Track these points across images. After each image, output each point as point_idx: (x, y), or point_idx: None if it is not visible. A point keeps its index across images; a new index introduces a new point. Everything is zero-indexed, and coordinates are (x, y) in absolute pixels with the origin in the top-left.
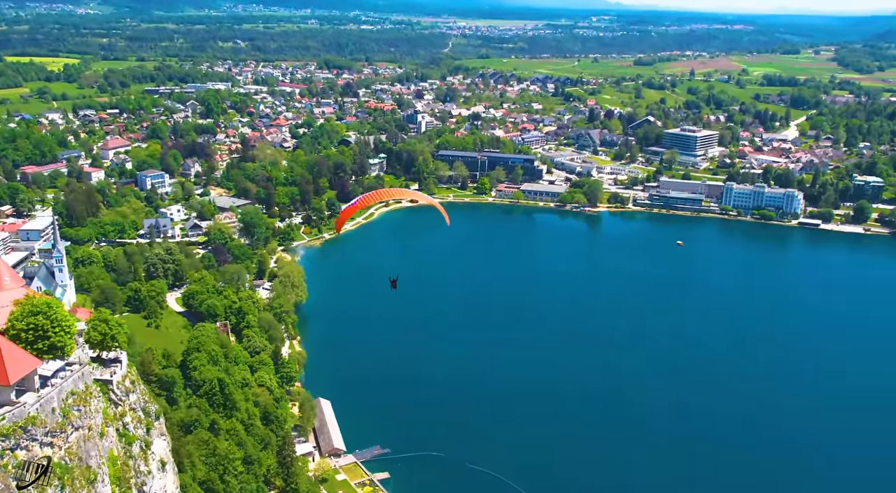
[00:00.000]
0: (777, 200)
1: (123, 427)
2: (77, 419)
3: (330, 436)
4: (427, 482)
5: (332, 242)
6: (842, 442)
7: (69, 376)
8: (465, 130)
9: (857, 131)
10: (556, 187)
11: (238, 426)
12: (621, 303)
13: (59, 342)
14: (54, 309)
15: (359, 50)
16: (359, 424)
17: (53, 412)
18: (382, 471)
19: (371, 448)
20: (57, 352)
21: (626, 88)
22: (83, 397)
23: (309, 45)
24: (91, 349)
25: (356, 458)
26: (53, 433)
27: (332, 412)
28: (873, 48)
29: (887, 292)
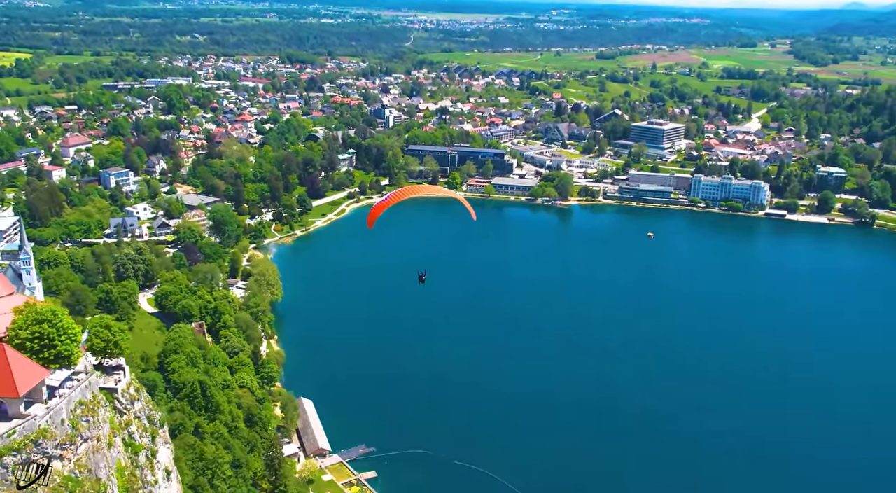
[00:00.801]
0: (744, 192)
1: (129, 437)
2: (86, 430)
3: (314, 436)
4: (415, 480)
5: (303, 240)
6: (832, 443)
7: (77, 385)
8: (434, 125)
9: (818, 123)
10: (527, 181)
11: (222, 428)
12: (596, 296)
13: (66, 351)
14: (59, 316)
15: (320, 44)
16: (342, 423)
17: (63, 423)
18: (369, 470)
19: (356, 448)
20: (63, 361)
21: (590, 81)
22: (91, 408)
23: (269, 39)
24: (93, 357)
25: (342, 458)
26: (63, 445)
27: (315, 412)
28: (826, 41)
29: (852, 281)
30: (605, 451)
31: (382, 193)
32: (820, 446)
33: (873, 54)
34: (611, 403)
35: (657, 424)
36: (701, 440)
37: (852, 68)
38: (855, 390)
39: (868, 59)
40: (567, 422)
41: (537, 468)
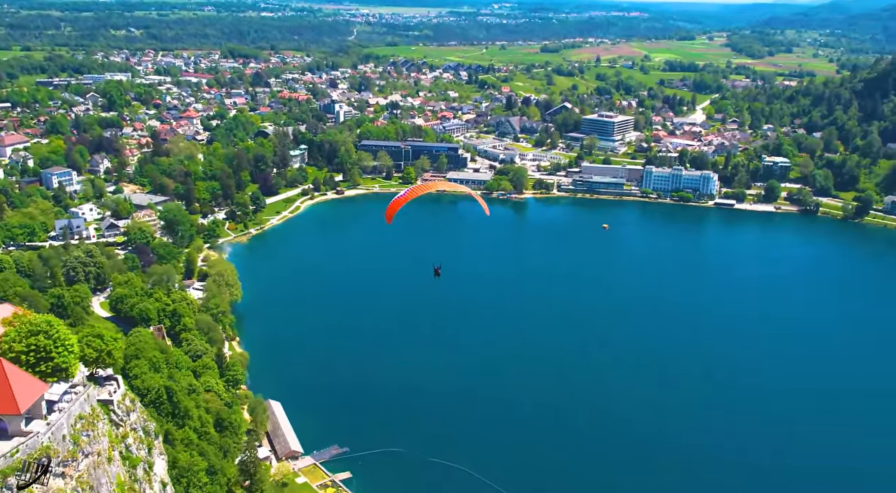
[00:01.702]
0: (694, 182)
1: (126, 449)
2: (87, 445)
3: (285, 438)
4: (391, 479)
5: (259, 238)
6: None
7: (76, 399)
8: (385, 120)
9: (760, 114)
10: (482, 175)
11: (192, 435)
12: (555, 289)
13: (64, 363)
14: (55, 327)
15: (261, 38)
16: (313, 424)
17: (64, 439)
18: (343, 471)
19: (329, 448)
20: (61, 373)
21: (536, 74)
22: (90, 421)
23: (208, 34)
24: (85, 367)
25: (314, 459)
26: (65, 462)
27: (284, 414)
28: (761, 34)
29: (799, 268)
30: (569, 443)
31: (337, 189)
32: (768, 435)
33: (805, 47)
34: (570, 396)
35: (615, 417)
36: (655, 433)
37: (787, 60)
38: (800, 377)
39: (801, 51)
40: (532, 416)
41: (510, 461)
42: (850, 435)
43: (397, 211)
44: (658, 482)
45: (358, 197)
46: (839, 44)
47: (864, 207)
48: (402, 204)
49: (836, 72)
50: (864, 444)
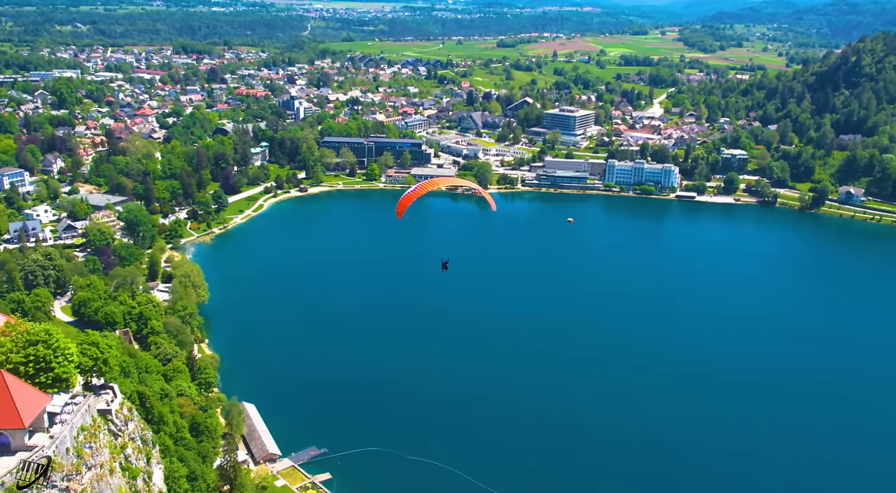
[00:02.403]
0: (655, 176)
1: (125, 460)
2: (90, 458)
3: (262, 441)
4: (371, 479)
5: (222, 238)
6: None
7: (77, 410)
8: (346, 116)
9: (717, 107)
10: (446, 171)
11: (168, 441)
12: (524, 283)
13: (65, 373)
14: (54, 336)
15: (213, 33)
16: (289, 426)
17: (68, 452)
18: (323, 472)
19: (307, 450)
20: (61, 384)
21: (495, 69)
22: (92, 433)
23: (158, 29)
24: (80, 376)
25: (293, 461)
26: (70, 476)
27: (260, 416)
28: (712, 29)
29: (759, 258)
30: (547, 436)
31: (300, 187)
32: (731, 421)
33: (755, 41)
34: (543, 389)
35: (588, 409)
36: (628, 422)
37: (738, 54)
38: (761, 362)
39: (751, 45)
40: (508, 410)
41: (489, 456)
42: (814, 422)
43: (408, 206)
44: (633, 471)
45: (322, 194)
46: (787, 38)
47: (819, 198)
48: (412, 199)
49: (785, 65)
50: (839, 430)
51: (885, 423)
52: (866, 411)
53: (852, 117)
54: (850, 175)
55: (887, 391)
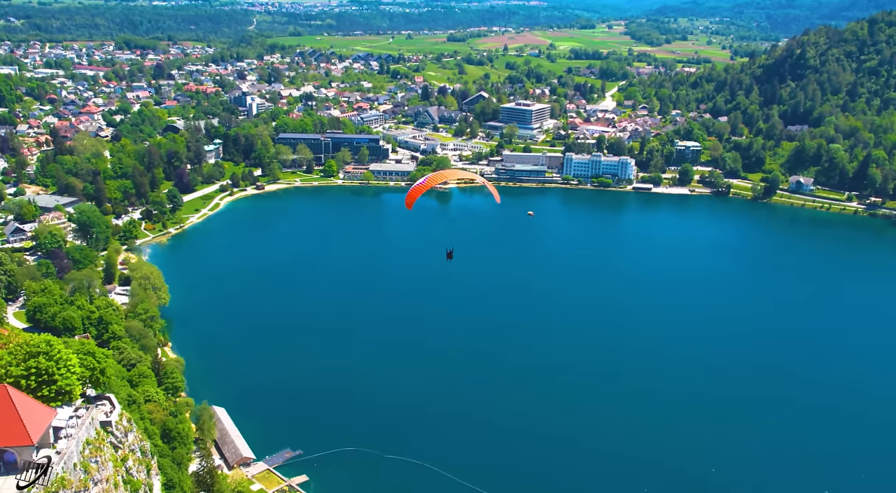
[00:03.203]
0: (612, 168)
1: (127, 472)
2: (96, 472)
3: (235, 445)
4: (349, 479)
5: (179, 238)
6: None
7: (82, 423)
8: (300, 111)
9: (668, 100)
10: (405, 166)
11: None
12: (491, 278)
13: (68, 386)
14: (55, 347)
15: (155, 28)
16: (261, 428)
17: (76, 468)
18: (299, 474)
19: (281, 452)
20: (64, 397)
21: (447, 64)
22: (97, 447)
23: (98, 23)
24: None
25: (267, 464)
26: (79, 492)
27: (231, 420)
28: (657, 23)
29: (716, 247)
30: (522, 431)
31: (257, 184)
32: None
33: (699, 34)
34: (513, 384)
35: (561, 404)
36: (597, 418)
37: (684, 47)
38: (719, 351)
39: (695, 38)
40: (481, 406)
41: (466, 452)
42: (776, 405)
43: (417, 198)
44: (603, 460)
45: (279, 192)
46: (729, 31)
47: (771, 188)
48: (422, 191)
49: (730, 58)
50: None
51: (849, 403)
52: (833, 392)
53: (799, 108)
54: (799, 165)
55: (850, 374)
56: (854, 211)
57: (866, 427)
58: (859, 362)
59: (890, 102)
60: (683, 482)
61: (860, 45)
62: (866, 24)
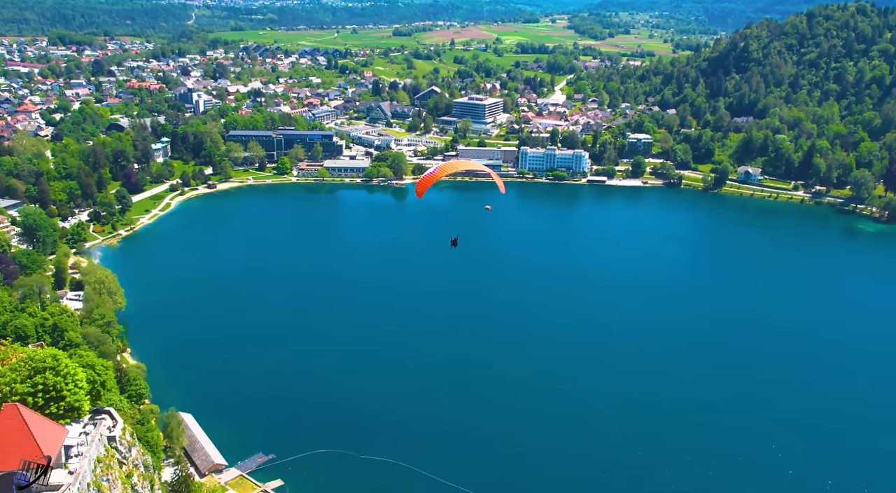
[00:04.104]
0: (567, 161)
1: (132, 489)
2: (108, 491)
3: (205, 452)
4: (325, 482)
5: (130, 240)
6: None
7: (92, 440)
8: (248, 108)
9: (617, 93)
10: (360, 162)
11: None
12: (450, 273)
13: (77, 402)
14: (62, 361)
15: (90, 23)
16: (231, 433)
17: (89, 488)
18: (273, 479)
19: (254, 457)
20: (73, 413)
21: (395, 58)
22: (107, 464)
23: (27, 18)
24: None
25: (240, 470)
26: None
27: (199, 426)
28: (599, 16)
29: (668, 236)
30: (491, 426)
31: (209, 183)
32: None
33: (640, 28)
34: (483, 379)
35: (529, 398)
36: (565, 410)
37: (627, 41)
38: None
39: (637, 32)
40: (452, 402)
41: (442, 450)
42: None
43: (428, 188)
44: (574, 459)
45: (232, 190)
46: (669, 25)
47: (721, 178)
48: (433, 181)
49: (672, 51)
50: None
51: (805, 383)
52: (787, 376)
53: (744, 100)
54: (746, 155)
55: (804, 356)
56: (800, 200)
57: (827, 409)
58: (813, 344)
59: (829, 93)
60: (653, 478)
61: (800, 39)
62: (805, 18)
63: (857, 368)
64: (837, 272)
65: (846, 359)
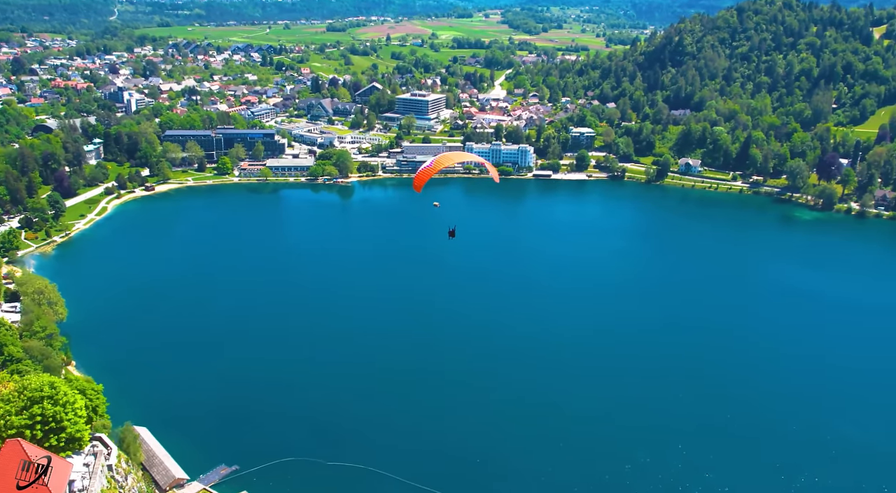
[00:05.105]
0: (513, 156)
1: None
2: None
3: (165, 466)
4: (293, 490)
5: (65, 247)
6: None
7: (94, 472)
8: (183, 106)
9: (557, 88)
10: (304, 161)
11: None
12: (403, 270)
13: (77, 432)
14: (60, 390)
15: (4, 19)
16: (190, 446)
17: None
18: (239, 491)
19: (216, 469)
20: (74, 445)
21: (331, 54)
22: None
23: None
24: None
25: (203, 484)
26: None
27: (156, 440)
28: (531, 11)
29: (613, 228)
30: (455, 424)
31: (146, 185)
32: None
33: (572, 23)
34: (442, 377)
35: (484, 390)
36: (527, 405)
37: (560, 36)
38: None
39: (569, 27)
40: (414, 402)
41: (410, 452)
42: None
43: (426, 181)
44: (542, 455)
45: (172, 192)
46: (600, 19)
47: (662, 171)
48: (431, 174)
49: (605, 46)
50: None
51: (744, 363)
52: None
53: (680, 93)
54: (686, 148)
55: (749, 338)
56: (739, 190)
57: (770, 386)
58: (754, 325)
59: (761, 85)
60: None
61: (732, 33)
62: (735, 13)
63: (794, 347)
64: (777, 256)
65: (784, 340)
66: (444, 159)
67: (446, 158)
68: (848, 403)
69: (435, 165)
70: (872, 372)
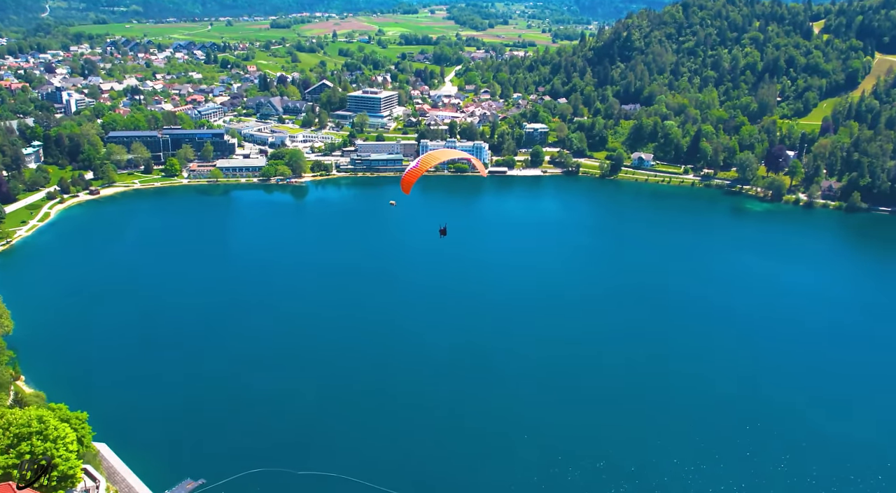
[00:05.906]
0: (468, 153)
1: None
2: None
3: (127, 483)
4: None
5: (6, 255)
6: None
7: None
8: (126, 106)
9: (508, 84)
10: (255, 161)
11: None
12: (362, 270)
13: (70, 470)
14: (49, 424)
15: None
16: (153, 460)
17: None
18: None
19: (182, 484)
20: (67, 483)
21: (277, 51)
22: None
23: None
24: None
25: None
26: None
27: (116, 455)
28: (477, 7)
29: (570, 222)
30: (427, 429)
31: (91, 189)
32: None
33: (518, 19)
34: (409, 381)
35: (450, 394)
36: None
37: (507, 32)
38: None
39: (515, 23)
40: (384, 408)
41: (383, 458)
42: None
43: (413, 183)
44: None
45: (118, 195)
46: (545, 15)
47: (616, 165)
48: (418, 175)
49: (552, 41)
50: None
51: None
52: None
53: (630, 88)
54: (638, 142)
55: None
56: (691, 183)
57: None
58: (714, 314)
59: (708, 79)
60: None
61: (678, 28)
62: (681, 8)
63: (748, 333)
64: (730, 250)
65: (737, 327)
66: (431, 158)
67: (432, 156)
68: (794, 379)
69: (421, 164)
70: (818, 349)
